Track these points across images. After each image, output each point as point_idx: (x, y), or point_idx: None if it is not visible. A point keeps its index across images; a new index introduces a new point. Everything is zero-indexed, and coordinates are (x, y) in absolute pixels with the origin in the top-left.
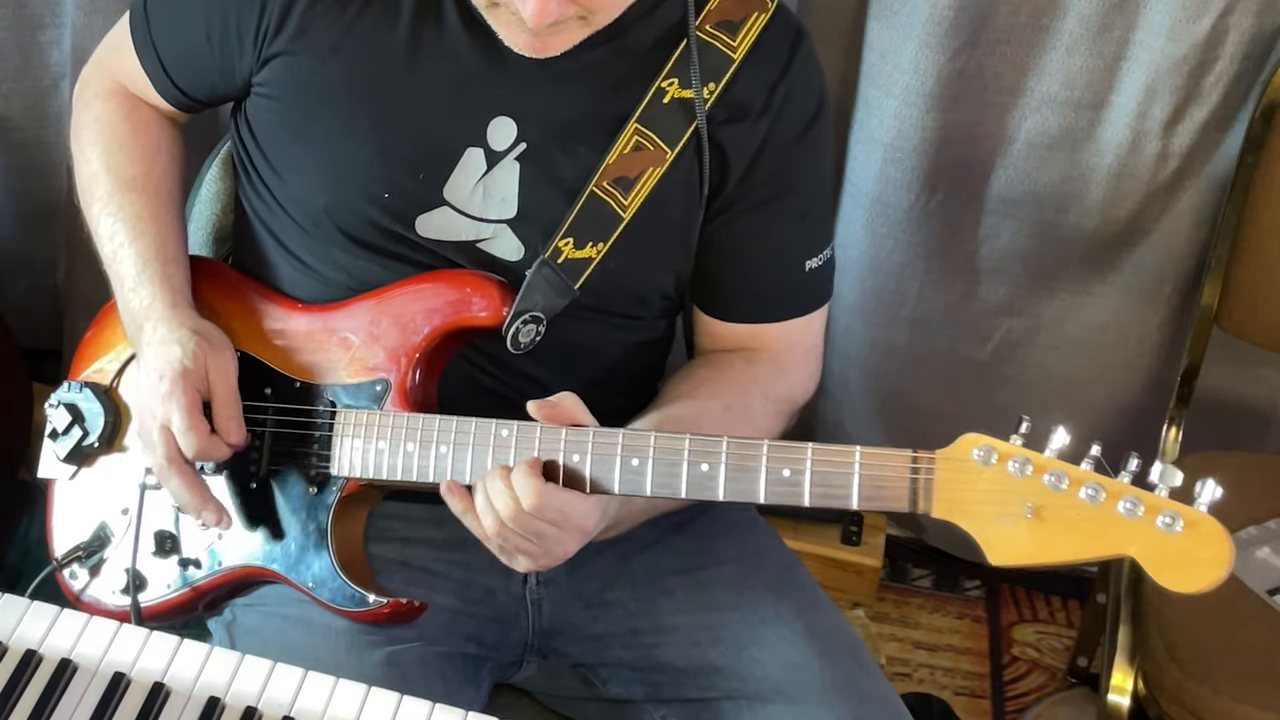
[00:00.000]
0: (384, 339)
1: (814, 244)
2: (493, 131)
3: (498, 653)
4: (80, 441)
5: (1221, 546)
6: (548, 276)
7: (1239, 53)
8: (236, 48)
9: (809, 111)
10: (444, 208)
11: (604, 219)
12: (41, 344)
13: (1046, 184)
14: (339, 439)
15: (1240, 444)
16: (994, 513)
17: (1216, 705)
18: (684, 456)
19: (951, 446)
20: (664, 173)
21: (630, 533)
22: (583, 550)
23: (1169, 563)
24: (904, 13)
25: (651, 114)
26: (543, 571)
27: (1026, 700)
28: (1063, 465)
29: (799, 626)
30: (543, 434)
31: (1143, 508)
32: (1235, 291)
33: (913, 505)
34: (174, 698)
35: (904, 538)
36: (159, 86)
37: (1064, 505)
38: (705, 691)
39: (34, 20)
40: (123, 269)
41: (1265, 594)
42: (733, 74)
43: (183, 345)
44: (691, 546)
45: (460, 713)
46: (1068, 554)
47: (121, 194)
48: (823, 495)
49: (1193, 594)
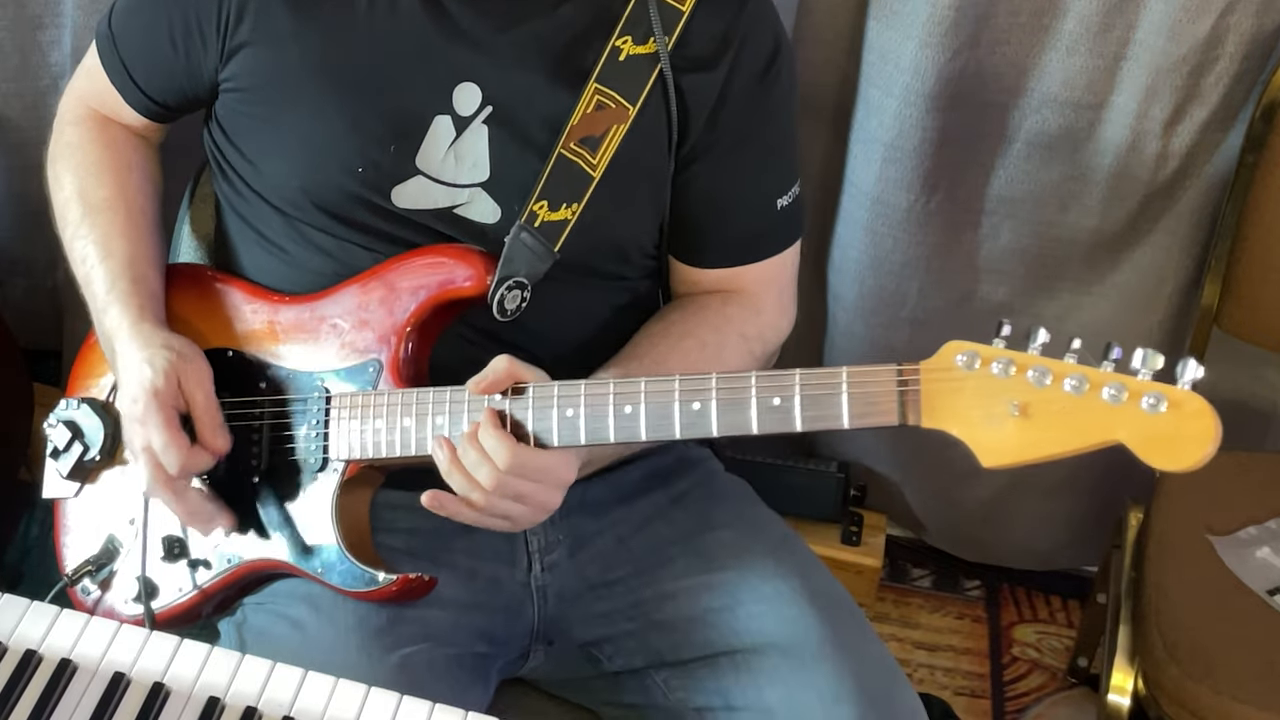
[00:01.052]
0: (372, 321)
1: (784, 183)
2: (458, 97)
3: (506, 648)
4: (82, 457)
5: (1206, 421)
6: (527, 241)
7: (1239, 53)
8: (200, 46)
9: (765, 53)
10: (418, 177)
11: (575, 179)
12: (41, 344)
13: (1046, 184)
14: (336, 423)
15: (1240, 444)
16: (981, 416)
17: (1216, 705)
18: (675, 398)
19: (935, 356)
20: (628, 129)
21: (629, 512)
22: (584, 533)
23: (1157, 443)
24: (904, 13)
25: (609, 72)
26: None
27: (1026, 700)
28: (1045, 361)
29: (797, 584)
30: (535, 393)
31: (1127, 392)
32: (1235, 291)
33: (902, 418)
34: (174, 698)
35: (904, 538)
36: (130, 98)
37: (1050, 399)
38: (703, 649)
39: (34, 20)
40: (94, 289)
41: (1265, 594)
42: (684, 26)
43: (152, 364)
44: (690, 517)
45: (460, 713)
46: (1058, 447)
47: (92, 216)
48: (814, 418)
49: (1183, 470)
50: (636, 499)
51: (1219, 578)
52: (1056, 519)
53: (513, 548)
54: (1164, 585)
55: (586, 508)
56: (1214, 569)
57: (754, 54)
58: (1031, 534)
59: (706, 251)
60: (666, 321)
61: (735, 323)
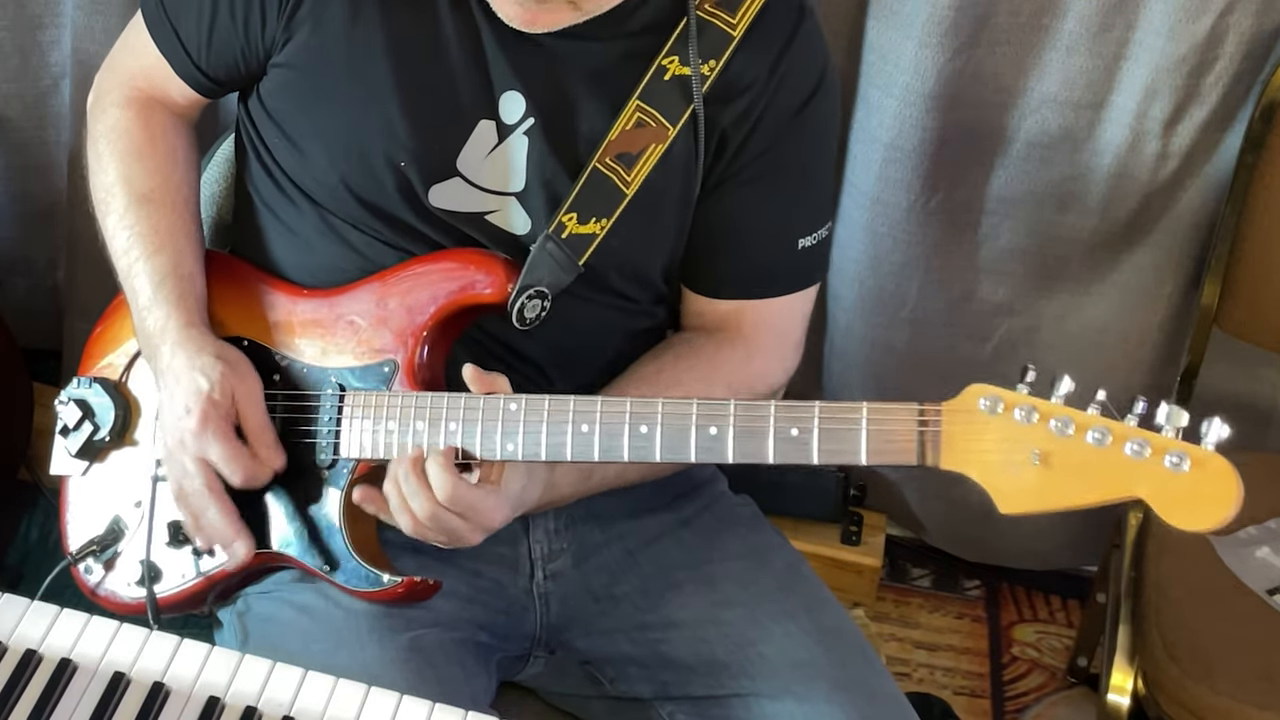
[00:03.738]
0: (390, 320)
1: (808, 223)
2: (504, 105)
3: (506, 644)
4: (91, 436)
5: (1229, 483)
6: (552, 252)
7: (1239, 53)
8: (259, 20)
9: (807, 88)
10: (456, 178)
11: (607, 195)
12: (41, 344)
13: (1046, 184)
14: (349, 421)
15: (1240, 444)
16: (1002, 461)
17: (1216, 704)
18: (692, 421)
19: (958, 398)
20: (665, 149)
21: (637, 527)
22: (590, 544)
23: (1178, 502)
24: (904, 13)
25: (653, 91)
26: (550, 565)
27: (1026, 700)
28: (1069, 411)
29: (806, 624)
30: (550, 407)
31: (1150, 449)
32: (1235, 291)
33: (921, 459)
34: (174, 697)
35: (904, 538)
36: (180, 70)
37: (1071, 450)
38: (713, 689)
39: (34, 20)
40: (138, 284)
41: (1265, 594)
42: (732, 52)
43: (206, 374)
44: (698, 542)
45: (460, 713)
46: (1077, 499)
47: (138, 207)
48: (831, 453)
49: (1203, 531)
50: (644, 515)
51: (1219, 578)
52: (1056, 519)
53: (516, 554)
54: (1164, 585)
55: (593, 518)
56: (1214, 569)
57: (795, 86)
58: (1031, 534)
59: (716, 280)
60: (658, 364)
61: (723, 371)
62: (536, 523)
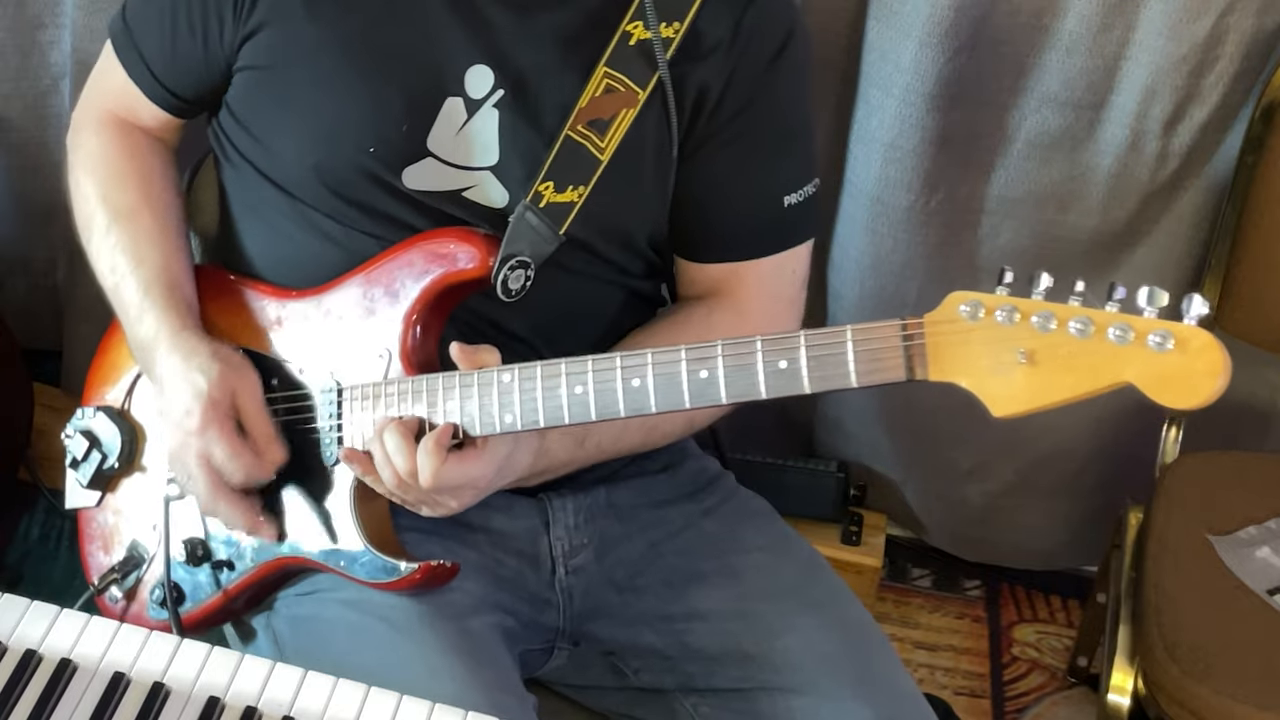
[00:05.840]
0: (379, 309)
1: (793, 179)
2: (470, 80)
3: (529, 635)
4: (101, 466)
5: (1214, 356)
6: (531, 221)
7: (1239, 53)
8: (217, 31)
9: (776, 40)
10: (428, 159)
11: (582, 162)
12: (41, 344)
13: (1046, 184)
14: (350, 415)
15: (1240, 444)
16: (989, 365)
17: (1216, 705)
18: (682, 367)
19: (938, 308)
20: (638, 114)
21: (658, 518)
22: (611, 537)
23: (1166, 382)
24: (904, 13)
25: (619, 56)
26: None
27: (1026, 700)
28: (1049, 305)
29: (831, 617)
30: (543, 372)
31: (1133, 332)
32: (1235, 291)
33: (910, 373)
34: (174, 698)
35: (904, 538)
36: (149, 92)
37: (1056, 344)
38: (738, 682)
39: (34, 20)
40: (126, 297)
41: (1265, 594)
42: (696, 11)
43: (204, 372)
44: (721, 532)
45: (460, 713)
46: (1067, 392)
47: (120, 223)
48: (821, 379)
49: (1195, 407)
50: (666, 508)
51: (1219, 578)
52: (1056, 519)
53: (536, 550)
54: (1164, 585)
55: (614, 511)
56: (1214, 569)
57: (764, 40)
58: (1031, 534)
59: (705, 245)
60: (649, 332)
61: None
62: (556, 519)
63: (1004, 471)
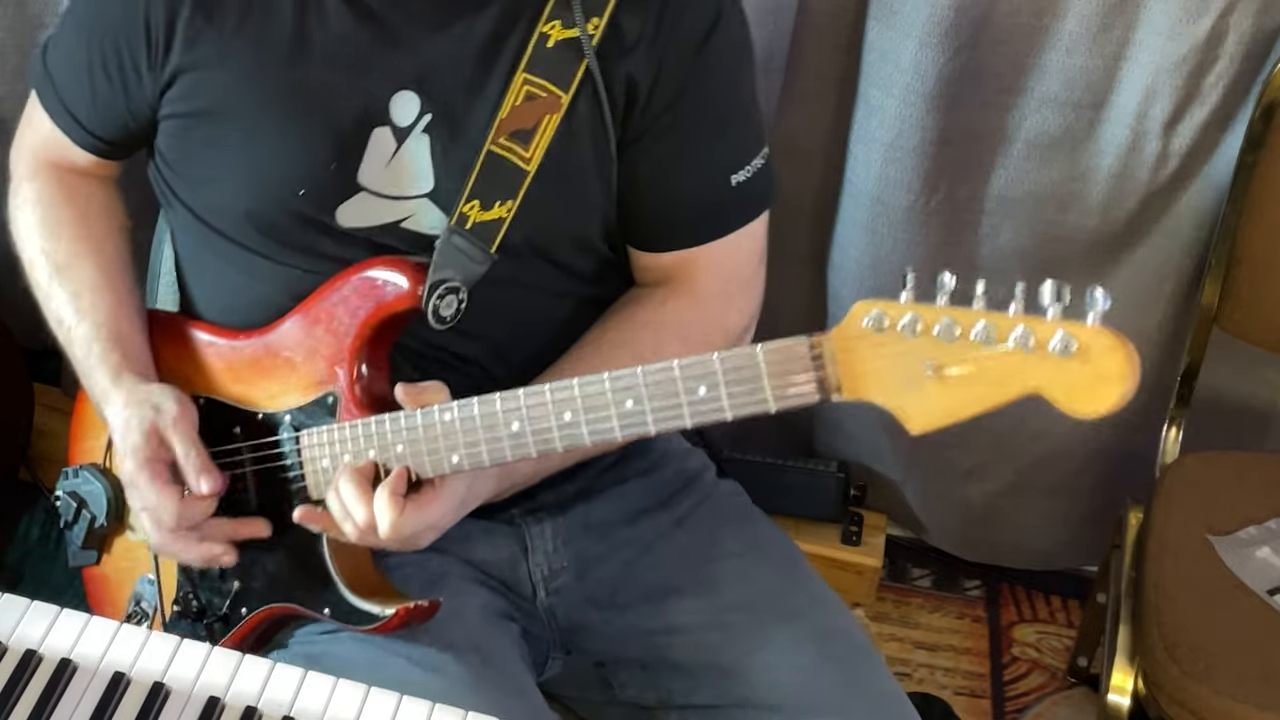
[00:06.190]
0: (321, 349)
1: (739, 156)
2: (395, 107)
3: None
4: (92, 525)
5: (1119, 357)
6: (459, 244)
7: (1239, 53)
8: (135, 78)
9: (704, 25)
10: (362, 194)
11: (507, 176)
12: (41, 344)
13: (1046, 184)
14: (310, 463)
15: (1240, 444)
16: (900, 380)
17: (1216, 705)
18: (609, 399)
19: (844, 321)
20: (562, 117)
21: (634, 534)
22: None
23: (1074, 389)
24: (904, 13)
25: (538, 60)
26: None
27: (1026, 700)
28: (951, 312)
29: (808, 627)
30: (480, 411)
31: (1034, 337)
32: (1235, 291)
33: (824, 394)
34: (174, 698)
35: (904, 538)
36: (75, 138)
37: (961, 354)
38: (718, 698)
39: (34, 20)
40: (75, 352)
41: (1265, 594)
42: (615, 5)
43: (129, 424)
44: (696, 541)
45: (460, 713)
46: (980, 405)
47: (61, 275)
48: (742, 405)
49: (1102, 415)
50: (640, 519)
51: (1219, 578)
52: (1056, 519)
53: (516, 577)
54: (1164, 585)
55: (591, 530)
56: (1214, 569)
57: (690, 26)
58: (1031, 534)
59: (654, 234)
60: (605, 327)
61: (672, 322)
62: (535, 545)
63: (1004, 471)
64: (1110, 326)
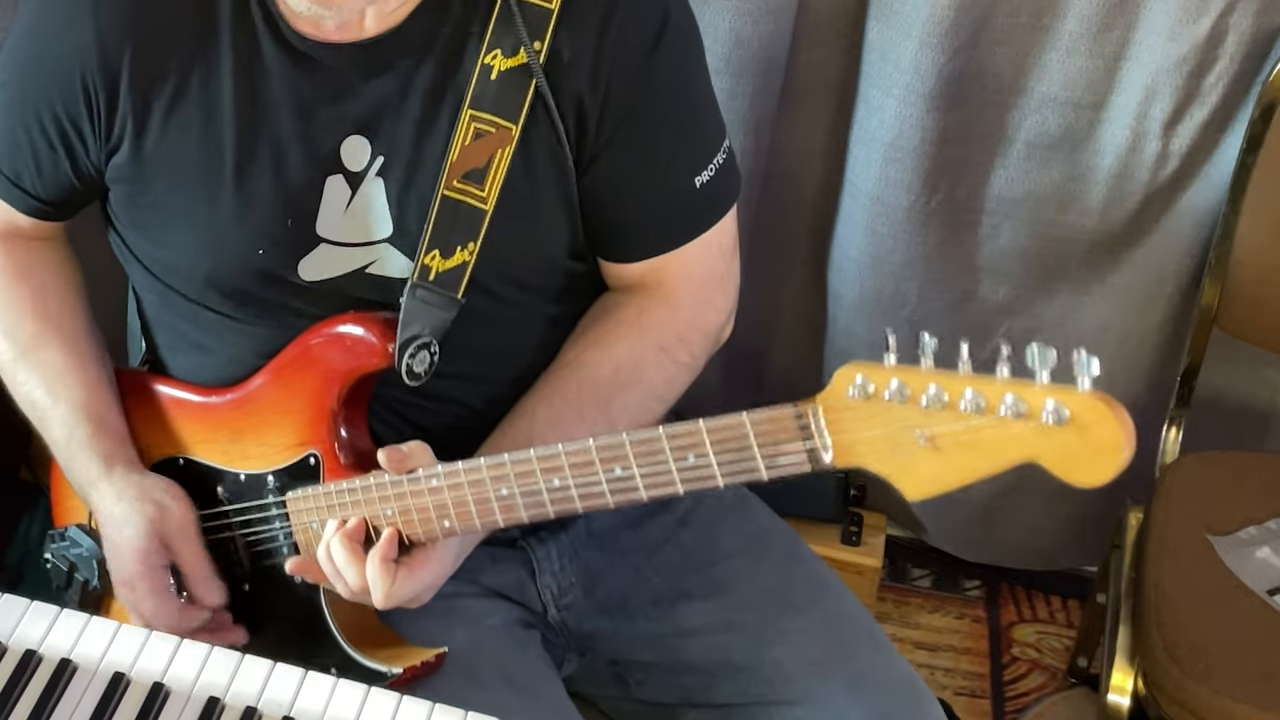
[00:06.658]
0: (295, 410)
1: (699, 158)
2: (346, 154)
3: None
4: (85, 588)
5: (1113, 428)
6: (424, 298)
7: (1239, 53)
8: (80, 146)
9: (649, 35)
10: (321, 245)
11: (465, 218)
12: None
13: (1046, 184)
14: (298, 526)
15: (1240, 444)
16: (891, 448)
17: (1216, 705)
18: (598, 467)
19: (829, 387)
20: (514, 149)
21: (638, 538)
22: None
23: (1072, 460)
24: (904, 13)
25: (482, 95)
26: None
27: (1026, 700)
28: (938, 377)
29: (815, 617)
30: (468, 478)
31: (1026, 405)
32: (1235, 291)
33: (815, 464)
34: (174, 698)
35: (904, 538)
36: (22, 207)
37: (952, 422)
38: (735, 696)
39: None
40: (53, 436)
41: (1265, 594)
42: (554, 27)
43: (130, 522)
44: (699, 542)
45: (459, 713)
46: (976, 473)
47: (27, 358)
48: (733, 474)
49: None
50: (643, 522)
51: (1219, 578)
52: (1056, 519)
53: (525, 598)
54: (1164, 585)
55: (595, 540)
56: (1214, 569)
57: (635, 38)
58: (1031, 534)
59: (623, 246)
60: (581, 345)
61: (652, 333)
62: (542, 567)
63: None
64: (1100, 392)
